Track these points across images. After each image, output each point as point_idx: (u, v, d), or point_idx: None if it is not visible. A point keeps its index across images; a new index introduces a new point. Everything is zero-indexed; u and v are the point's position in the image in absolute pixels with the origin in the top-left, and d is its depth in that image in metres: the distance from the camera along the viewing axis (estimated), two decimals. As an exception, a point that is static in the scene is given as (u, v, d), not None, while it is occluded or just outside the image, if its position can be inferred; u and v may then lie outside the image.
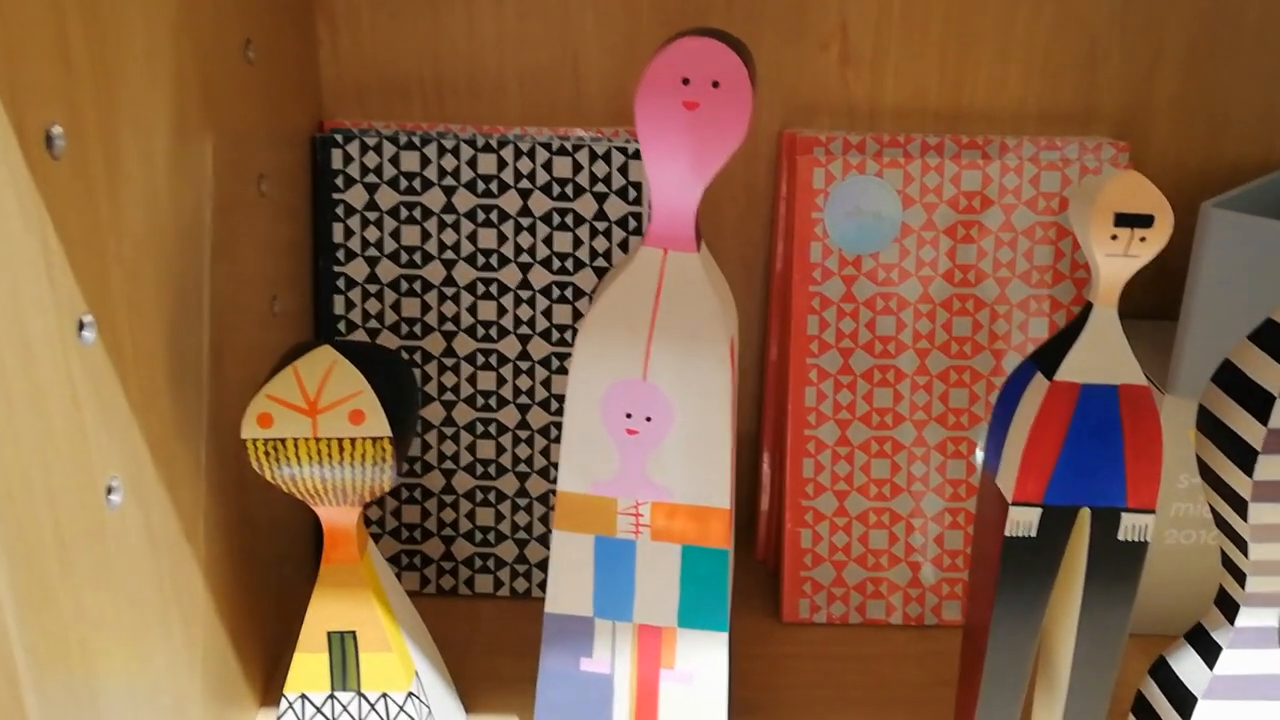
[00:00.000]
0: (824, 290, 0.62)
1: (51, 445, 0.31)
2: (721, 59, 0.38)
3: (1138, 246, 0.39)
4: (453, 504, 0.64)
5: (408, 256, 0.62)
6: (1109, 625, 0.45)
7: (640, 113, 0.39)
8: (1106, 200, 0.39)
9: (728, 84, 0.39)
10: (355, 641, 0.45)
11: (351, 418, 0.40)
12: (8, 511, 0.29)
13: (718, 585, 0.46)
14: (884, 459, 0.63)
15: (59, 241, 0.31)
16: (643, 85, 0.39)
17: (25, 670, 0.29)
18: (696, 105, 0.39)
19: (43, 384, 0.31)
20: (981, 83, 0.65)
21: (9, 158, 0.29)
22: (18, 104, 0.29)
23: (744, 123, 0.39)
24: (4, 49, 0.28)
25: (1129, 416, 0.41)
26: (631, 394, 0.43)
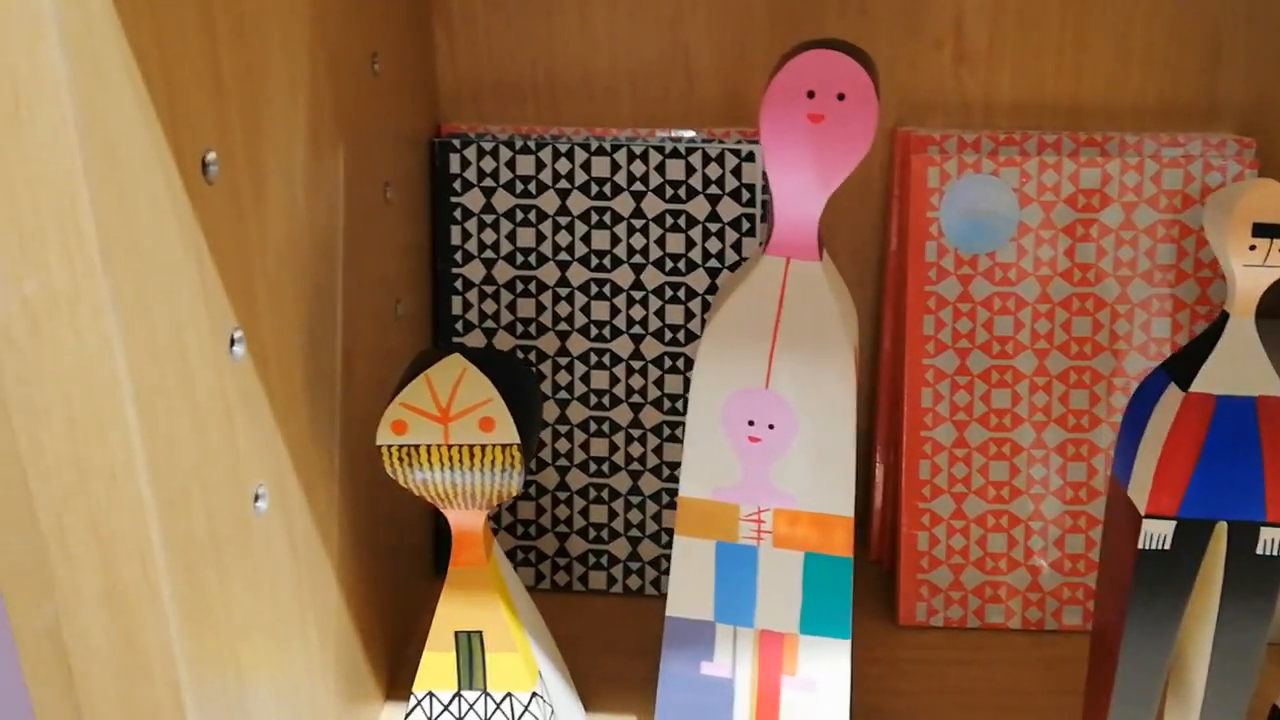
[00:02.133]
0: (940, 290, 0.61)
1: (207, 457, 0.32)
2: (847, 72, 0.38)
3: (1276, 256, 0.38)
4: (567, 501, 0.65)
5: (523, 258, 0.63)
6: (1245, 639, 0.43)
7: (765, 126, 0.38)
8: (1244, 210, 0.37)
9: (853, 97, 0.38)
10: (482, 641, 0.46)
11: (482, 425, 0.40)
12: (170, 521, 0.30)
13: (840, 592, 0.46)
14: (1002, 461, 0.62)
15: (213, 262, 0.32)
16: (767, 98, 0.38)
17: (185, 674, 0.31)
18: (822, 118, 0.38)
19: (200, 399, 0.32)
20: (1100, 78, 0.62)
21: (170, 185, 0.29)
22: (177, 133, 0.30)
23: (869, 135, 0.38)
24: (164, 80, 0.29)
25: (1267, 429, 0.40)
26: (754, 402, 0.43)
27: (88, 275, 0.26)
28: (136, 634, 0.30)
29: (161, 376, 0.29)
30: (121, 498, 0.28)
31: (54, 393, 0.27)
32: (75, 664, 0.30)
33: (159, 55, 0.28)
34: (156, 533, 0.29)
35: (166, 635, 0.30)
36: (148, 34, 0.28)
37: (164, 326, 0.29)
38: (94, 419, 0.27)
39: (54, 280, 0.26)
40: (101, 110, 0.26)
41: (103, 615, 0.29)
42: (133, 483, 0.28)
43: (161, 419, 0.29)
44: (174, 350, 0.30)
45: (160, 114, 0.29)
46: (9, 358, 0.27)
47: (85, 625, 0.30)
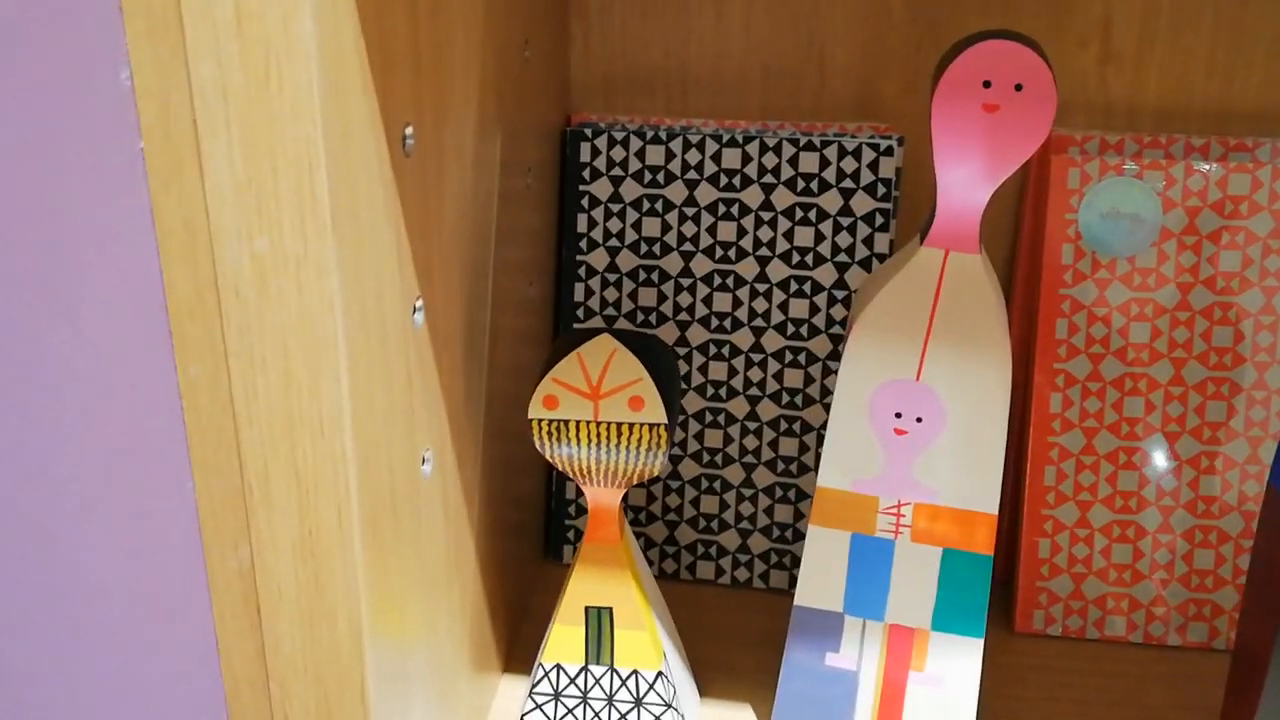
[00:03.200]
0: (1075, 293, 0.61)
1: (393, 417, 0.35)
2: (1025, 61, 0.39)
3: None
4: (678, 490, 0.66)
5: (647, 248, 0.65)
6: None
7: (937, 114, 0.40)
8: None
9: (1031, 86, 0.39)
10: (611, 618, 0.48)
11: (631, 404, 0.42)
12: (365, 477, 0.32)
13: (978, 590, 0.47)
14: (1132, 470, 0.62)
15: (405, 232, 0.35)
16: (942, 85, 0.39)
17: (367, 621, 0.33)
18: (997, 108, 0.39)
19: (391, 362, 0.34)
20: (1254, 81, 0.62)
21: (381, 156, 0.32)
22: (388, 107, 0.32)
23: (1045, 128, 0.39)
24: (381, 56, 0.32)
25: None
26: (903, 394, 0.44)
27: (318, 237, 0.28)
28: (326, 580, 0.32)
29: (366, 337, 0.32)
30: (326, 449, 0.31)
31: (273, 346, 0.30)
32: (264, 605, 0.32)
33: (379, 31, 0.31)
34: (354, 484, 0.31)
35: (354, 582, 0.32)
36: (371, 9, 0.30)
37: (370, 290, 0.32)
38: (309, 373, 0.30)
39: (285, 240, 0.28)
40: (337, 81, 0.28)
41: (295, 560, 0.32)
42: (338, 435, 0.30)
43: (363, 377, 0.31)
44: (376, 313, 0.32)
45: (378, 88, 0.31)
46: (234, 309, 0.29)
47: (278, 568, 0.32)
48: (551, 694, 0.49)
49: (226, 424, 0.31)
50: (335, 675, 0.33)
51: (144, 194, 0.29)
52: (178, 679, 0.34)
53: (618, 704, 0.49)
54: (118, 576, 0.33)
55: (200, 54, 0.27)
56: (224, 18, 0.27)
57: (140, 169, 0.28)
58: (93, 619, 0.34)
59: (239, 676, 0.33)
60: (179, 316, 0.29)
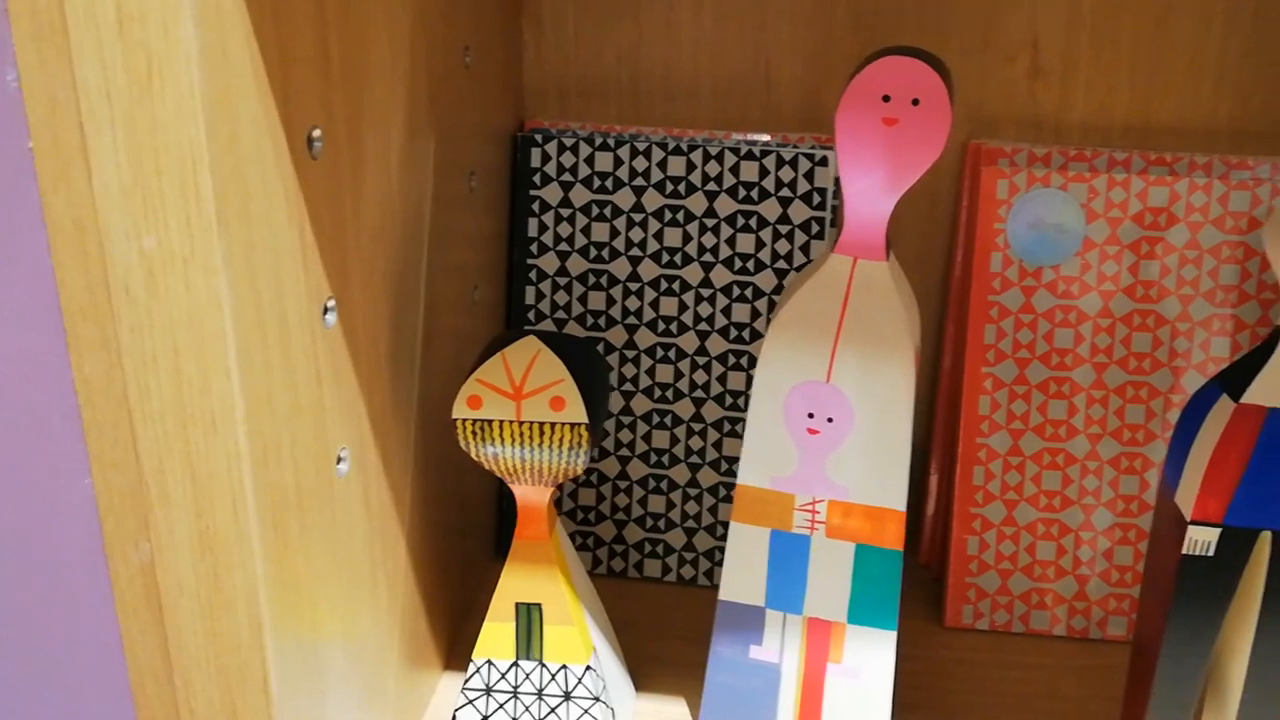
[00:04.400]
0: (1003, 300, 0.60)
1: (297, 415, 0.33)
2: (922, 77, 0.38)
3: None
4: (626, 490, 0.65)
5: (596, 252, 0.64)
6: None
7: (840, 126, 0.39)
8: None
9: (928, 102, 0.38)
10: (540, 614, 0.47)
11: (553, 404, 0.41)
12: (262, 474, 0.31)
13: (889, 585, 0.46)
14: (1055, 471, 0.61)
15: (313, 233, 0.33)
16: (844, 100, 0.38)
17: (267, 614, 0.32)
18: (896, 121, 0.38)
19: (295, 360, 0.33)
20: (1172, 98, 0.61)
21: (279, 157, 0.31)
22: (289, 109, 0.31)
23: (941, 140, 0.38)
24: (279, 58, 0.30)
25: None
26: (815, 395, 0.43)
27: (203, 236, 0.27)
28: (225, 574, 0.31)
29: (262, 335, 0.30)
30: (219, 445, 0.29)
31: (164, 343, 0.28)
32: (165, 600, 0.31)
33: (276, 34, 0.30)
34: (248, 480, 0.30)
35: (252, 576, 0.31)
36: (268, 13, 0.29)
37: (267, 289, 0.31)
38: (199, 370, 0.29)
39: (171, 239, 0.27)
40: (224, 84, 0.27)
41: (193, 554, 0.31)
42: (230, 431, 0.29)
43: (260, 374, 0.30)
44: (275, 311, 0.31)
45: (275, 90, 0.30)
46: (125, 307, 0.28)
47: (177, 564, 0.31)
48: (483, 689, 0.48)
49: (122, 421, 0.29)
50: (237, 668, 0.32)
51: (34, 194, 0.27)
52: (83, 673, 0.33)
53: (547, 698, 0.47)
54: (20, 573, 0.32)
55: (84, 56, 0.26)
56: (106, 21, 0.25)
57: (30, 169, 0.27)
58: None
59: (144, 670, 0.32)
60: (72, 315, 0.28)
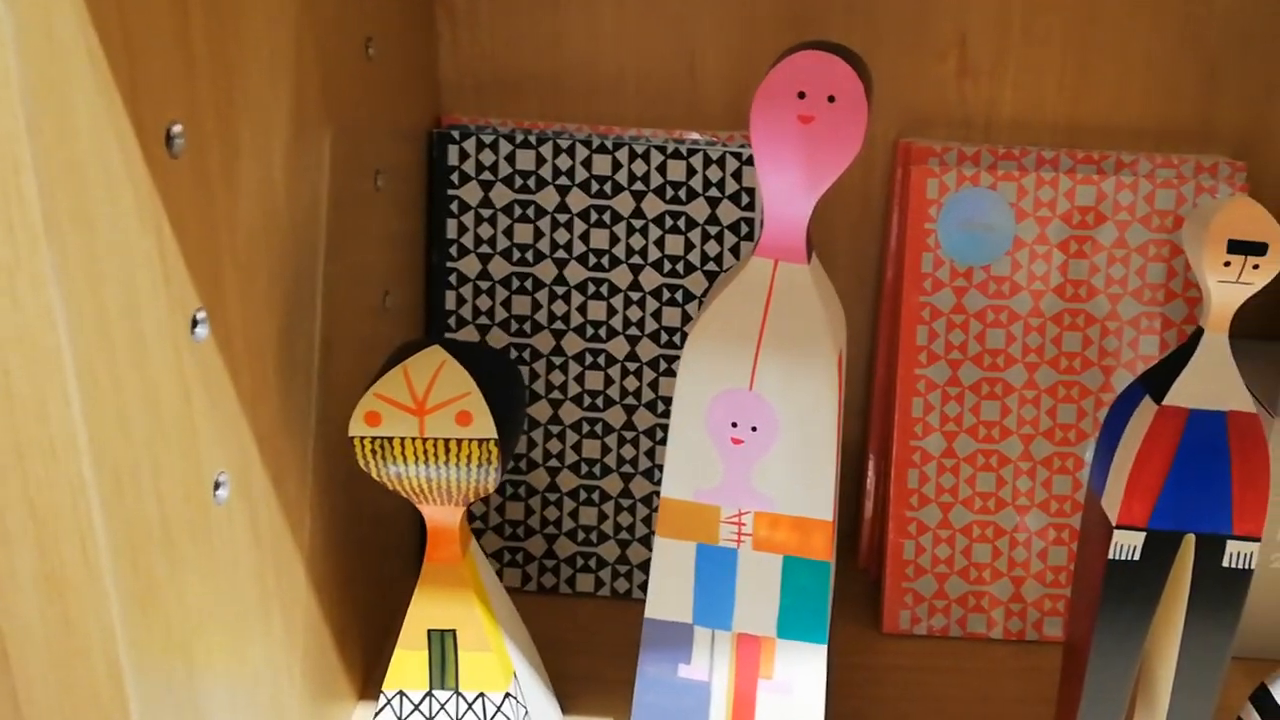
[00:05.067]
0: (934, 301, 0.58)
1: (161, 440, 0.30)
2: (838, 74, 0.35)
3: (1250, 274, 0.36)
4: (556, 502, 0.62)
5: (520, 254, 0.60)
6: (1210, 651, 0.42)
7: (755, 125, 0.36)
8: (1220, 226, 0.36)
9: (843, 99, 0.36)
10: (455, 640, 0.44)
11: (459, 419, 0.38)
12: (116, 506, 0.27)
13: (818, 597, 0.43)
14: (989, 472, 0.59)
15: (175, 238, 0.30)
16: (758, 98, 0.36)
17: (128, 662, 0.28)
18: (812, 119, 0.36)
19: (155, 379, 0.29)
20: (1100, 98, 0.60)
21: (128, 157, 0.27)
22: (138, 103, 0.27)
23: (858, 138, 0.36)
24: (126, 48, 0.27)
25: (1237, 443, 0.38)
26: (737, 403, 0.40)
27: (30, 244, 0.24)
28: (76, 619, 0.27)
29: (110, 352, 0.27)
30: (61, 475, 0.26)
31: (-9, 364, 0.25)
32: (12, 649, 0.28)
33: (119, 16, 0.26)
34: (98, 514, 0.26)
35: (109, 620, 0.27)
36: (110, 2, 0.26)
37: (115, 301, 0.27)
38: (33, 392, 0.25)
39: (-9, 246, 0.24)
40: (50, 71, 0.24)
41: (39, 598, 0.27)
42: (73, 460, 0.26)
43: (108, 396, 0.27)
44: (126, 326, 0.28)
45: (119, 80, 0.26)
46: (-55, 326, 0.25)
47: (22, 609, 0.27)
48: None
49: (-49, 451, 0.26)
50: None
51: None
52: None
53: (464, 725, 0.44)
54: None
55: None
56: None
57: None
58: None
59: (-10, 725, 0.28)
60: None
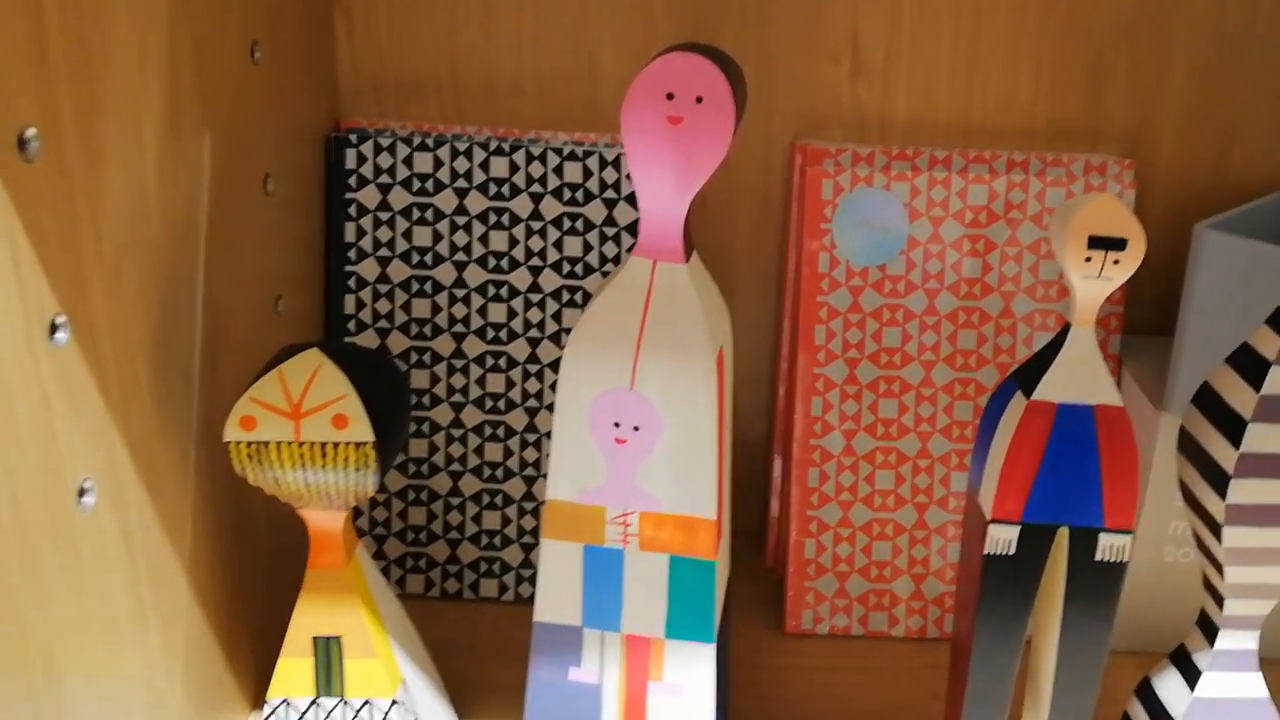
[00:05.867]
0: (831, 301, 0.60)
1: (16, 447, 0.30)
2: (705, 75, 0.37)
3: (1111, 269, 0.38)
4: (459, 507, 0.63)
5: (419, 257, 0.61)
6: (1089, 644, 0.43)
7: (625, 126, 0.37)
8: (1080, 223, 0.38)
9: (711, 100, 0.37)
10: (340, 647, 0.44)
11: (334, 422, 0.38)
12: (-38, 514, 0.27)
13: (705, 597, 0.44)
14: (888, 470, 0.61)
15: (29, 244, 0.30)
16: (627, 99, 0.37)
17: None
18: (680, 120, 0.37)
19: (8, 385, 0.29)
20: (991, 98, 0.62)
21: (-30, 158, 0.27)
22: (-18, 104, 0.27)
23: (727, 139, 0.37)
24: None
25: (1105, 437, 0.40)
26: (619, 403, 0.41)
27: None
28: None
29: (-46, 359, 0.27)
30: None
31: None
32: None
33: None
34: (-58, 524, 0.26)
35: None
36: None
37: (-41, 306, 0.27)
38: None
39: None
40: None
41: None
42: (-88, 469, 0.26)
43: (-47, 404, 0.27)
44: (-27, 332, 0.28)
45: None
46: None
47: None
48: (282, 727, 0.44)
49: None
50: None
51: None
52: None
53: (352, 732, 0.45)
54: None
55: None
56: None
57: None
58: None
59: None
60: None
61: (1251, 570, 0.42)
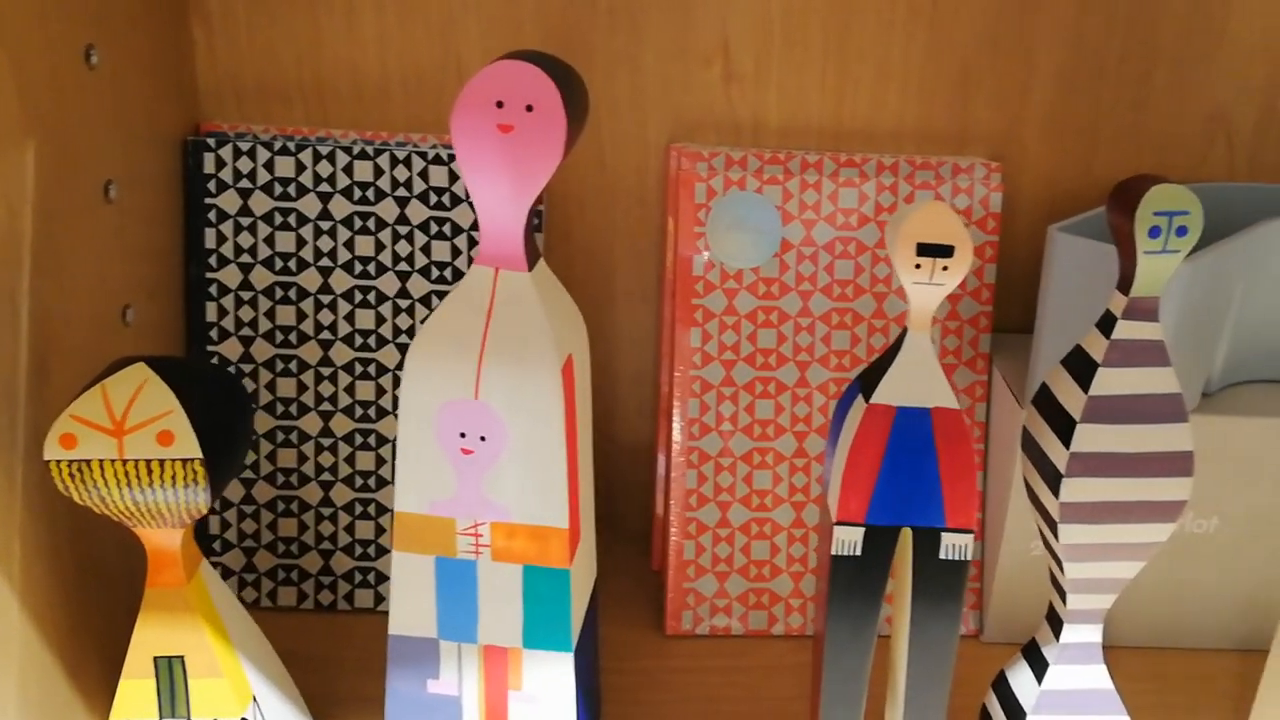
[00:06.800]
0: (706, 303, 0.61)
1: None
2: (535, 83, 0.37)
3: (941, 275, 0.39)
4: (331, 517, 0.62)
5: (283, 263, 0.60)
6: (938, 639, 0.44)
7: (456, 134, 0.37)
8: (909, 231, 0.39)
9: (541, 108, 0.37)
10: (184, 667, 0.43)
11: (160, 438, 0.38)
12: None
13: (561, 606, 0.44)
14: (766, 470, 0.62)
15: None
16: (457, 108, 0.37)
17: None
18: (511, 129, 0.37)
19: None
20: (861, 103, 0.63)
21: None
22: None
23: (559, 147, 0.37)
24: None
25: (942, 438, 0.41)
26: (464, 413, 0.41)
27: None
28: None
29: None
30: None
31: None
32: None
33: None
34: None
35: None
36: None
37: None
38: None
39: None
40: None
41: None
42: None
43: None
44: None
45: None
46: None
47: None
48: (125, 752, 0.43)
49: None
50: None
51: None
52: None
53: (201, 755, 0.44)
54: None
55: None
56: None
57: None
58: None
59: None
60: None
61: (1089, 566, 0.44)
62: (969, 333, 0.63)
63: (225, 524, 0.62)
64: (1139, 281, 0.41)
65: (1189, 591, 0.60)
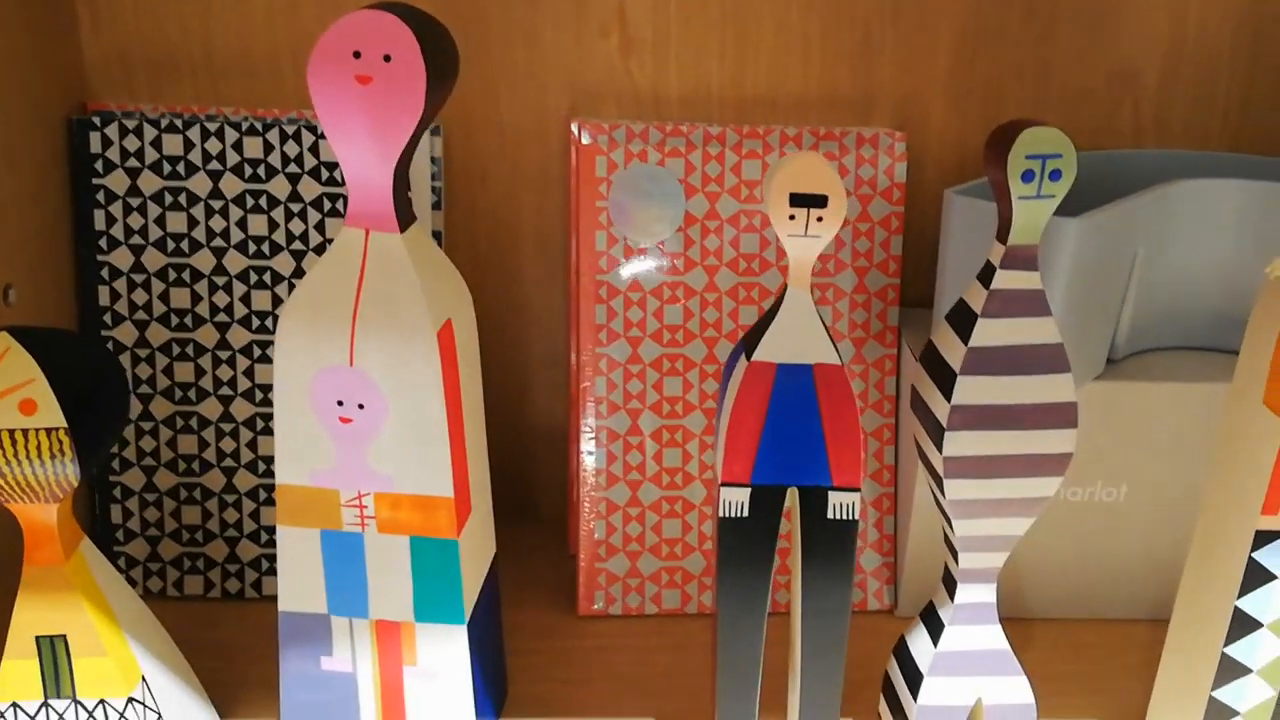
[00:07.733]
0: (610, 279, 0.62)
1: None
2: (392, 32, 0.37)
3: (816, 226, 0.39)
4: (235, 504, 0.62)
5: (175, 244, 0.60)
6: (831, 604, 0.44)
7: (314, 89, 0.38)
8: (782, 182, 0.39)
9: (400, 58, 0.37)
10: (67, 646, 0.43)
11: (22, 407, 0.38)
12: None
13: (451, 577, 0.45)
14: (675, 448, 0.63)
15: None
16: (313, 60, 0.37)
17: None
18: (369, 80, 0.37)
19: None
20: (763, 71, 0.64)
21: None
22: None
23: (420, 98, 0.38)
24: None
25: (825, 396, 0.41)
26: (340, 381, 0.42)
27: None
28: None
29: None
30: None
31: None
32: None
33: None
34: None
35: None
36: None
37: None
38: None
39: None
40: None
41: None
42: None
43: None
44: None
45: None
46: None
47: None
48: (9, 736, 0.43)
49: None
50: None
51: None
52: None
53: (86, 737, 0.44)
54: None
55: None
56: None
57: None
58: None
59: None
60: None
61: (976, 523, 0.45)
62: (877, 305, 0.64)
63: (127, 513, 0.61)
64: (1015, 228, 0.42)
65: (1100, 561, 0.61)
